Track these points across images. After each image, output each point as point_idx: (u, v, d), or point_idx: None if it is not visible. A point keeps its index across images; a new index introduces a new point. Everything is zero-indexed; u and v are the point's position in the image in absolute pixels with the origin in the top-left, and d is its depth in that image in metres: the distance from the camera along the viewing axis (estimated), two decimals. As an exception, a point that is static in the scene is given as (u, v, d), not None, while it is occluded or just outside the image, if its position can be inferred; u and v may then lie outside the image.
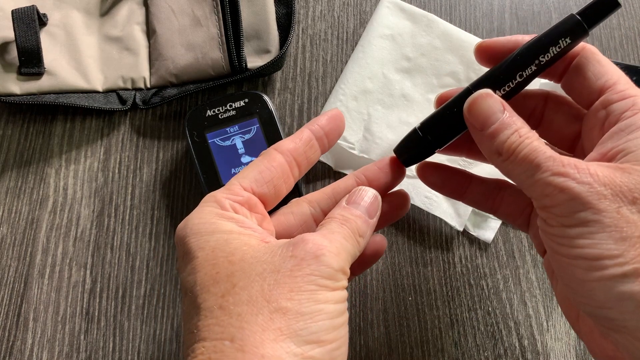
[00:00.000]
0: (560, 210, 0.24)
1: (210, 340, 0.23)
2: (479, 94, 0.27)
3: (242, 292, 0.23)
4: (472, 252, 0.39)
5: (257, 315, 0.23)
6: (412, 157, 0.31)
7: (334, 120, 0.32)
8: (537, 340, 0.37)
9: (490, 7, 0.46)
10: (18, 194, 0.40)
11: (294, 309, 0.23)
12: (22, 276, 0.38)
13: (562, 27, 0.27)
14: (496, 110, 0.27)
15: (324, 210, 0.31)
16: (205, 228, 0.26)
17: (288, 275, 0.24)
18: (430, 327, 0.37)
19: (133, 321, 0.37)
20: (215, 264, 0.25)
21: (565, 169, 0.24)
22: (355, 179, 0.31)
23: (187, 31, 0.42)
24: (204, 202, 0.28)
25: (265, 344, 0.22)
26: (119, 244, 0.39)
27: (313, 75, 0.44)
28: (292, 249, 0.25)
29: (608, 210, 0.23)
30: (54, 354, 0.36)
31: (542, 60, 0.27)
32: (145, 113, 0.42)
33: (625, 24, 0.46)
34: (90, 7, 0.43)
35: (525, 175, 0.25)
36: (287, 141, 0.31)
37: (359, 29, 0.45)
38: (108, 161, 0.41)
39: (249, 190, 0.28)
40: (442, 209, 0.39)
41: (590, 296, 0.23)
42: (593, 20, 0.27)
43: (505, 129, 0.26)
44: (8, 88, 0.40)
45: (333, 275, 0.24)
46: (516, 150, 0.26)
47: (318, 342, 0.23)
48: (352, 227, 0.27)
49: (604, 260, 0.22)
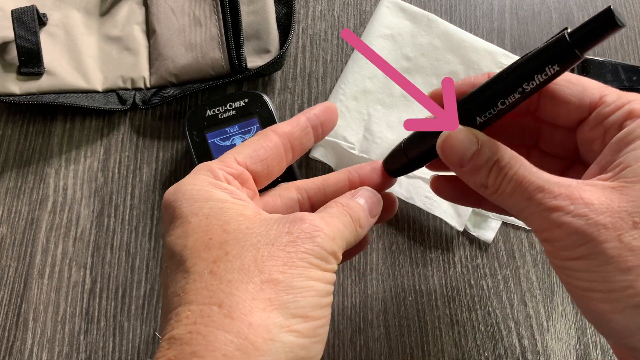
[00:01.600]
0: (561, 245, 0.23)
1: (197, 304, 0.22)
2: (447, 133, 0.26)
3: (235, 260, 0.23)
4: (472, 252, 0.39)
5: (248, 283, 0.23)
6: (397, 170, 0.31)
7: (329, 112, 0.32)
8: (537, 340, 0.37)
9: (491, 7, 0.46)
10: (18, 194, 0.40)
11: (285, 281, 0.23)
12: (22, 276, 0.38)
13: (551, 52, 0.23)
14: (469, 144, 0.25)
15: (310, 199, 0.31)
16: (199, 194, 0.26)
17: (282, 250, 0.24)
18: (430, 327, 0.37)
19: (133, 321, 0.37)
20: (208, 230, 0.24)
21: (557, 202, 0.23)
22: (348, 174, 0.31)
23: (187, 31, 0.42)
24: (197, 170, 0.28)
25: (254, 312, 0.22)
26: (119, 244, 0.39)
27: (313, 75, 0.44)
28: (288, 225, 0.25)
29: (609, 240, 0.21)
30: (54, 354, 0.36)
31: (527, 88, 0.24)
32: (145, 113, 0.42)
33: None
34: (90, 7, 0.43)
35: (518, 209, 0.24)
36: (284, 124, 0.30)
37: (359, 28, 0.45)
38: (108, 161, 0.41)
39: (243, 165, 0.28)
40: (442, 209, 0.39)
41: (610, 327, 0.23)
42: (587, 42, 0.23)
43: (484, 164, 0.25)
44: (8, 88, 0.39)
45: (325, 256, 0.25)
46: (502, 185, 0.25)
47: (304, 317, 0.23)
48: (353, 216, 0.27)
49: (614, 293, 0.22)
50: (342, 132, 0.40)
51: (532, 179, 0.24)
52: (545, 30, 0.45)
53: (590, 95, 0.26)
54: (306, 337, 0.23)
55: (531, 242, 0.39)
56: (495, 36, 0.45)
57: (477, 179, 0.26)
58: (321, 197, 0.31)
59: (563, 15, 0.46)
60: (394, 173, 0.32)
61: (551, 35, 0.45)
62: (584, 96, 0.26)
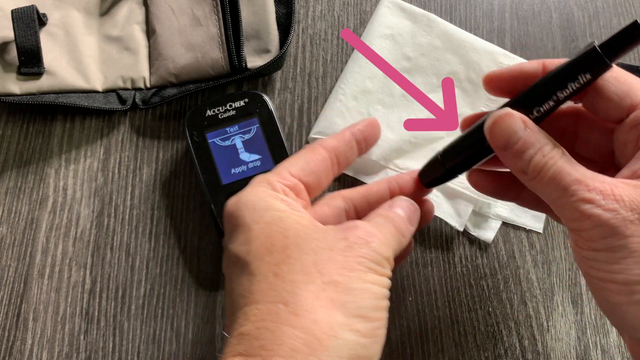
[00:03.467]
0: (588, 235, 0.24)
1: (263, 303, 0.24)
2: (499, 114, 0.27)
3: (296, 263, 0.25)
4: (472, 252, 0.39)
5: (310, 284, 0.24)
6: (433, 181, 0.33)
7: (372, 127, 0.35)
8: (537, 340, 0.37)
9: (491, 6, 0.46)
10: (18, 194, 0.40)
11: (344, 283, 0.24)
12: (22, 276, 0.38)
13: (582, 62, 0.25)
14: (518, 128, 0.26)
15: (356, 207, 0.32)
16: (259, 204, 0.27)
17: (340, 254, 0.25)
18: (430, 328, 0.37)
19: (133, 321, 0.37)
20: (270, 236, 0.26)
21: (590, 195, 0.24)
22: (388, 184, 0.33)
23: (187, 31, 0.42)
24: (256, 182, 0.29)
25: (317, 310, 0.23)
26: (119, 244, 0.39)
27: (313, 75, 0.44)
28: (344, 232, 0.26)
29: (635, 235, 0.23)
30: (54, 354, 0.36)
31: (560, 96, 0.26)
32: (145, 113, 0.42)
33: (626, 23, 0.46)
34: (90, 6, 0.43)
35: (552, 197, 0.26)
36: (330, 139, 0.33)
37: (359, 28, 0.45)
38: (108, 161, 0.41)
39: (296, 177, 0.30)
40: (443, 209, 0.39)
41: (624, 318, 0.24)
42: (616, 51, 0.24)
43: (529, 148, 0.26)
44: (8, 88, 0.39)
45: (381, 261, 0.26)
46: (542, 171, 0.26)
47: (364, 317, 0.24)
48: (397, 226, 0.29)
49: (633, 286, 0.23)
50: (342, 132, 0.40)
51: (571, 171, 0.25)
52: (545, 31, 0.45)
53: (633, 95, 0.26)
54: (366, 337, 0.24)
55: (531, 242, 0.39)
56: (495, 36, 0.45)
57: (519, 164, 0.27)
58: (365, 206, 0.32)
59: (563, 15, 0.46)
60: (429, 184, 0.33)
61: (551, 35, 0.45)
62: (626, 96, 0.26)
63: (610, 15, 0.46)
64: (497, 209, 0.39)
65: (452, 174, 0.32)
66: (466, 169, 0.32)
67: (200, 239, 0.39)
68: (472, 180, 0.33)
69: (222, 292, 0.38)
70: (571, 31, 0.46)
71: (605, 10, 0.46)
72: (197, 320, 0.37)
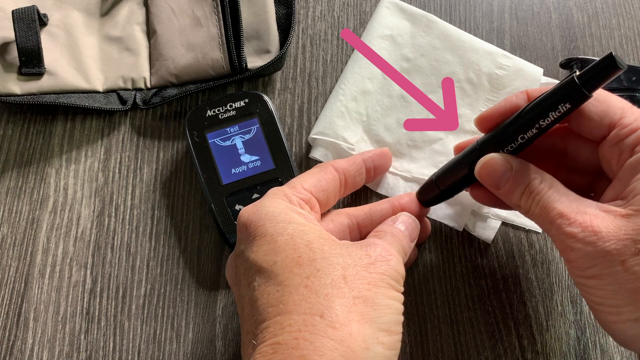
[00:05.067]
0: (576, 265, 0.26)
1: (298, 314, 0.24)
2: (484, 160, 0.30)
3: (326, 277, 0.26)
4: (472, 252, 0.39)
5: (342, 298, 0.25)
6: (430, 201, 0.35)
7: (383, 157, 0.37)
8: (536, 340, 0.37)
9: (490, 7, 0.46)
10: (18, 194, 0.40)
11: (372, 298, 0.26)
12: (23, 276, 0.38)
13: (562, 92, 0.27)
14: (504, 170, 0.29)
15: (359, 224, 0.34)
16: (280, 217, 0.28)
17: (365, 270, 0.26)
18: (430, 327, 0.37)
19: (133, 321, 0.37)
20: (295, 248, 0.27)
21: (571, 229, 0.26)
22: (391, 203, 0.34)
23: (187, 31, 0.42)
24: (273, 194, 0.30)
25: (352, 324, 0.24)
26: (119, 243, 0.39)
27: (313, 75, 0.44)
28: (366, 249, 0.28)
29: (613, 265, 0.25)
30: (54, 353, 0.36)
31: (543, 124, 0.28)
32: (146, 113, 0.42)
33: (625, 24, 0.46)
34: (91, 7, 0.43)
35: (545, 229, 0.28)
36: (342, 161, 0.34)
37: (359, 29, 0.45)
38: (108, 161, 0.41)
39: (309, 192, 0.31)
40: (442, 210, 0.39)
41: (616, 335, 0.27)
42: (594, 84, 0.26)
43: (516, 188, 0.29)
44: (8, 88, 0.40)
45: (398, 278, 0.28)
46: (531, 208, 0.28)
47: (388, 331, 0.25)
48: (401, 243, 0.30)
49: (619, 308, 0.25)
50: (342, 132, 0.40)
51: (555, 205, 0.27)
52: (544, 31, 0.46)
53: (612, 114, 0.28)
54: (390, 350, 0.25)
55: (530, 242, 0.40)
56: (495, 37, 0.45)
57: (512, 200, 0.29)
58: (368, 224, 0.34)
59: (562, 16, 0.46)
60: (427, 203, 0.35)
61: (550, 35, 0.45)
62: (606, 115, 0.28)
63: (610, 16, 0.46)
64: (496, 209, 0.40)
65: (447, 195, 0.34)
66: (460, 191, 0.34)
67: (200, 239, 0.39)
68: (473, 194, 0.35)
69: (222, 292, 0.38)
70: (570, 32, 0.46)
71: (605, 11, 0.46)
72: (198, 320, 0.37)
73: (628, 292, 0.25)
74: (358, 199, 0.40)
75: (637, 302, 0.24)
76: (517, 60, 0.43)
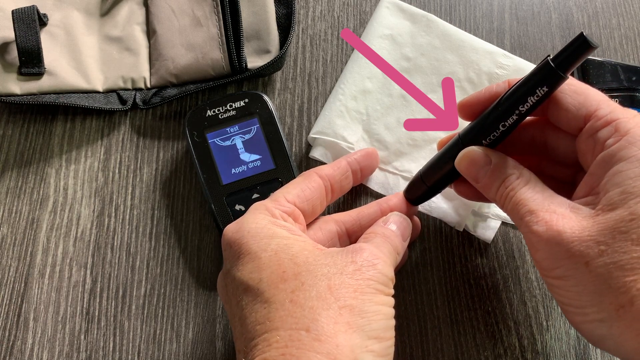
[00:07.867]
0: (542, 265, 0.27)
1: (284, 329, 0.24)
2: (464, 152, 0.30)
3: (311, 289, 0.25)
4: (472, 252, 0.39)
5: (328, 309, 0.25)
6: (418, 199, 0.35)
7: (369, 158, 0.36)
8: (537, 340, 0.37)
9: (490, 7, 0.46)
10: (18, 194, 0.40)
11: (358, 306, 0.25)
12: (23, 276, 0.38)
13: (538, 76, 0.27)
14: (483, 164, 0.29)
15: (348, 230, 0.34)
16: (263, 232, 0.28)
17: (351, 278, 0.26)
18: (430, 327, 0.37)
19: (133, 321, 0.37)
20: (280, 264, 0.27)
21: (537, 227, 0.26)
22: (379, 206, 0.34)
23: (187, 31, 0.42)
24: (255, 209, 0.30)
25: (338, 335, 0.24)
26: (119, 244, 0.39)
27: (313, 75, 0.44)
28: (351, 255, 0.27)
29: (577, 266, 0.24)
30: (54, 353, 0.36)
31: (522, 110, 0.28)
32: (146, 113, 0.42)
33: (625, 24, 0.46)
34: (91, 7, 0.43)
35: (517, 225, 0.28)
36: (326, 167, 0.34)
37: (359, 29, 0.45)
38: (108, 161, 0.41)
39: (292, 204, 0.31)
40: (442, 210, 0.39)
41: (586, 336, 0.27)
42: (568, 64, 0.26)
43: (493, 182, 0.29)
44: (8, 88, 0.40)
45: (387, 282, 0.27)
46: (505, 202, 0.28)
47: (378, 338, 0.25)
48: (392, 244, 0.30)
49: (584, 309, 0.25)
50: (342, 132, 0.40)
51: (527, 202, 0.27)
52: (545, 31, 0.45)
53: (588, 106, 0.28)
54: (381, 356, 0.25)
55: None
56: (495, 36, 0.45)
57: (490, 194, 0.29)
58: (357, 229, 0.33)
59: (563, 16, 0.46)
60: (415, 201, 0.35)
61: (550, 35, 0.45)
62: (582, 106, 0.28)
63: (610, 16, 0.46)
64: (496, 208, 0.40)
65: (434, 191, 0.34)
66: (446, 186, 0.34)
67: (200, 239, 0.39)
68: (457, 190, 0.35)
69: (222, 292, 0.38)
70: (571, 32, 0.46)
71: (605, 11, 0.46)
72: (198, 320, 0.37)
73: (592, 294, 0.24)
74: (350, 200, 0.40)
75: (601, 304, 0.24)
76: (517, 60, 0.43)
